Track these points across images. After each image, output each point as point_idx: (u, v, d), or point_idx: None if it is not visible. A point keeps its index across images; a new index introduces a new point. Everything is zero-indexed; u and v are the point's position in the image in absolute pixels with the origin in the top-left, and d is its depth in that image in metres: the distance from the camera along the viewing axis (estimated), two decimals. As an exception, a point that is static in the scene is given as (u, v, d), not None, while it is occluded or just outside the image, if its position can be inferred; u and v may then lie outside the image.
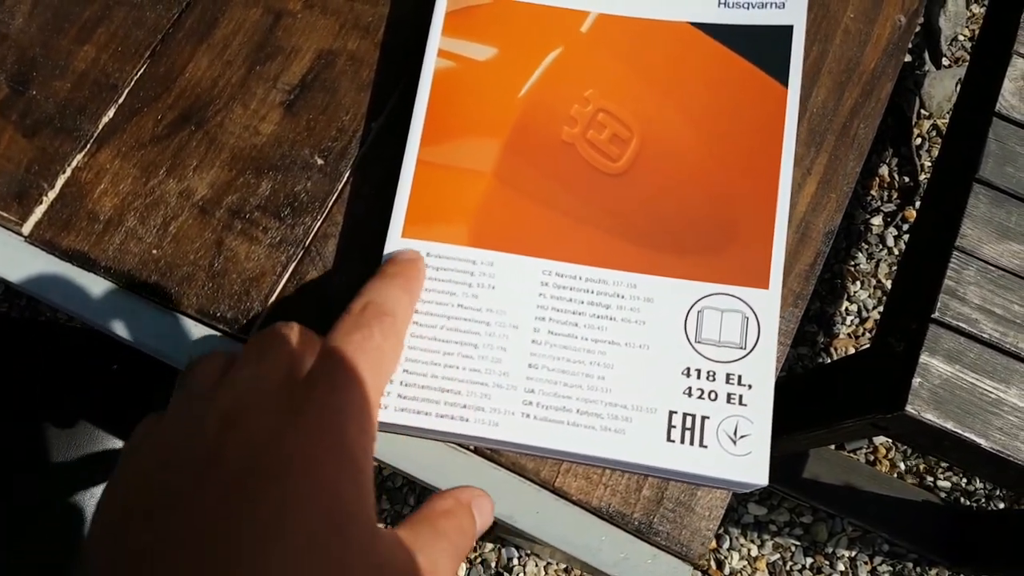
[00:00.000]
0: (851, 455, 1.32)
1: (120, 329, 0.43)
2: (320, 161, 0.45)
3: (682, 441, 0.38)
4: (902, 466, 1.32)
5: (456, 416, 0.38)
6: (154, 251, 0.44)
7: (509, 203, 0.41)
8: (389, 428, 0.40)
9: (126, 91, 0.47)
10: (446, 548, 0.31)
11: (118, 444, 0.72)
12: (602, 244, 0.41)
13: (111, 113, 0.46)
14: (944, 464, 1.32)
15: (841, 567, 1.28)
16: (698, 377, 0.39)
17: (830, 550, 1.28)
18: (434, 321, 0.40)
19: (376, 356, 0.33)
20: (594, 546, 0.42)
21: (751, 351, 0.39)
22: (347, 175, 0.45)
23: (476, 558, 1.23)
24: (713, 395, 0.39)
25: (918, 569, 1.28)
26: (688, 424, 0.38)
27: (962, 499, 1.31)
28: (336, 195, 0.45)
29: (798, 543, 1.28)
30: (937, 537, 1.26)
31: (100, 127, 0.46)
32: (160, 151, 0.45)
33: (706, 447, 0.38)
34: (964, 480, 1.32)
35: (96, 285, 0.44)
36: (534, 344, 0.40)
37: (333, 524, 0.27)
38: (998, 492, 1.31)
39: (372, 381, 0.32)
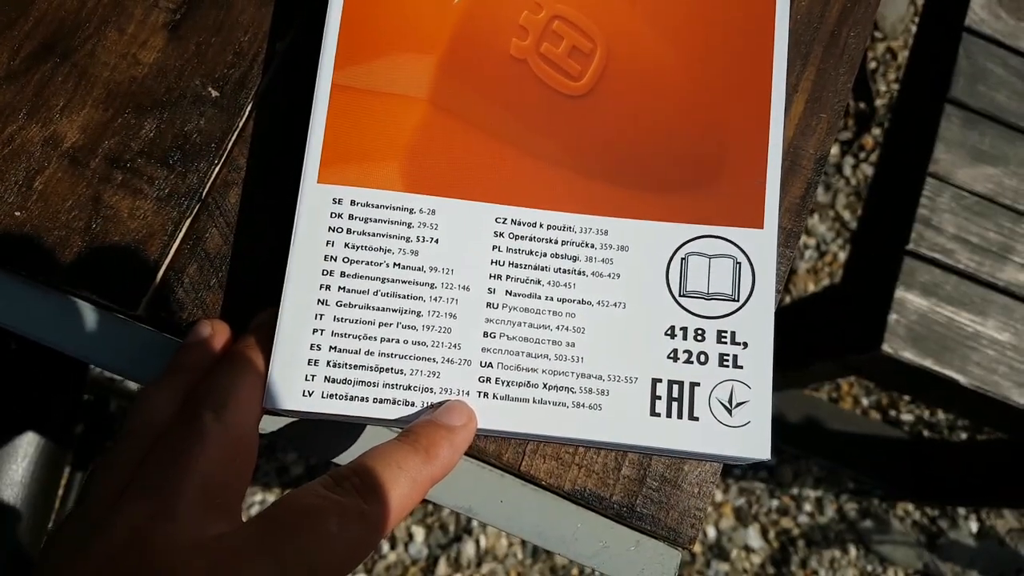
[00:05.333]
0: (813, 393, 1.29)
1: (-20, 310, 0.35)
2: (215, 93, 0.37)
3: (669, 414, 0.32)
4: (865, 402, 1.30)
5: (399, 400, 0.32)
6: (17, 213, 0.36)
7: (450, 136, 0.34)
8: (316, 417, 0.33)
9: (-29, 17, 0.38)
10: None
11: (24, 441, 0.64)
12: (565, 183, 0.34)
13: (-46, 45, 0.37)
14: (907, 398, 1.30)
15: (808, 507, 1.25)
16: (684, 337, 0.33)
17: (796, 491, 1.26)
18: (366, 285, 0.32)
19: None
20: (568, 536, 0.37)
21: (745, 303, 0.33)
22: (248, 108, 0.37)
23: (434, 522, 1.18)
24: (703, 357, 0.33)
25: (884, 505, 1.26)
26: (675, 394, 0.32)
27: (925, 432, 1.29)
28: (236, 133, 0.37)
29: (763, 485, 1.26)
30: (902, 472, 1.25)
31: (-59, 62, 0.37)
32: (18, 90, 0.37)
33: (697, 419, 0.32)
34: (927, 413, 1.30)
35: (-54, 257, 0.36)
36: (489, 308, 0.33)
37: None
38: (959, 423, 1.30)
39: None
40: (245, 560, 0.25)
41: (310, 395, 0.31)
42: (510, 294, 0.33)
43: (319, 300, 0.32)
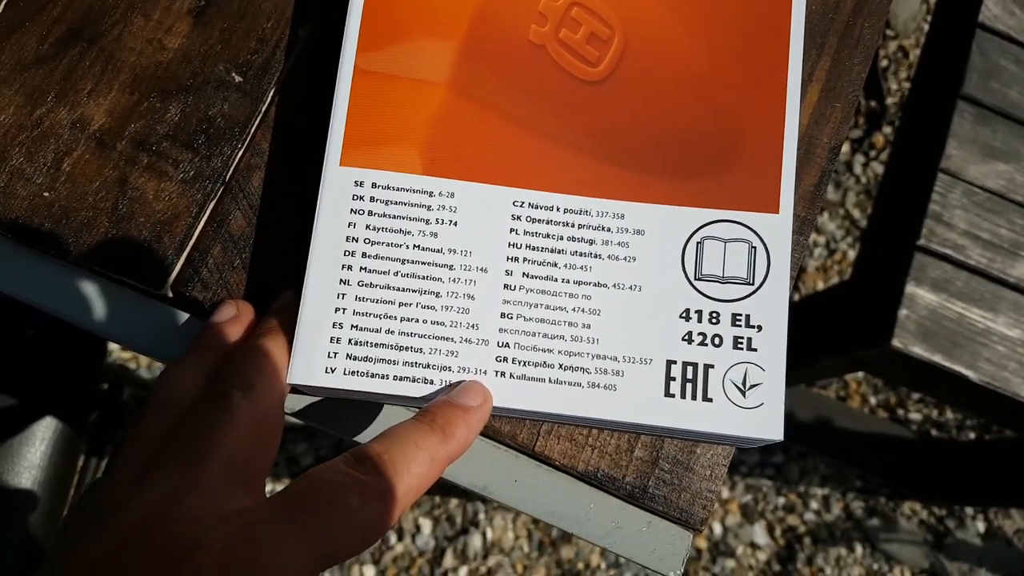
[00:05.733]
0: (822, 391, 1.29)
1: (7, 287, 0.36)
2: (238, 78, 0.38)
3: (683, 395, 0.33)
4: (873, 400, 1.30)
5: (418, 378, 0.32)
6: (46, 193, 0.36)
7: (469, 120, 0.35)
8: (338, 394, 0.33)
9: (2, 3, 0.39)
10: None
11: (42, 426, 0.65)
12: (582, 167, 0.35)
13: (-16, 29, 0.38)
14: (915, 397, 1.30)
15: (814, 505, 1.26)
16: (699, 320, 0.33)
17: (803, 489, 1.26)
18: (386, 266, 0.33)
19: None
20: (581, 516, 0.37)
21: (760, 287, 0.34)
22: (271, 94, 0.38)
23: (441, 514, 1.19)
24: (717, 340, 0.33)
25: (891, 503, 1.27)
26: (689, 375, 0.33)
27: (933, 431, 1.29)
28: (259, 118, 0.38)
29: (770, 483, 1.26)
30: (909, 471, 1.25)
31: (-29, 47, 0.38)
32: (47, 73, 0.38)
33: (711, 400, 0.33)
34: (935, 412, 1.30)
35: (-24, 236, 0.36)
36: (507, 290, 0.33)
37: None
38: (968, 423, 1.30)
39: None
40: (267, 533, 0.26)
41: (332, 372, 0.32)
42: (527, 276, 0.34)
43: (341, 280, 0.33)
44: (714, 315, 0.33)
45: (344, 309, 0.33)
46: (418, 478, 0.29)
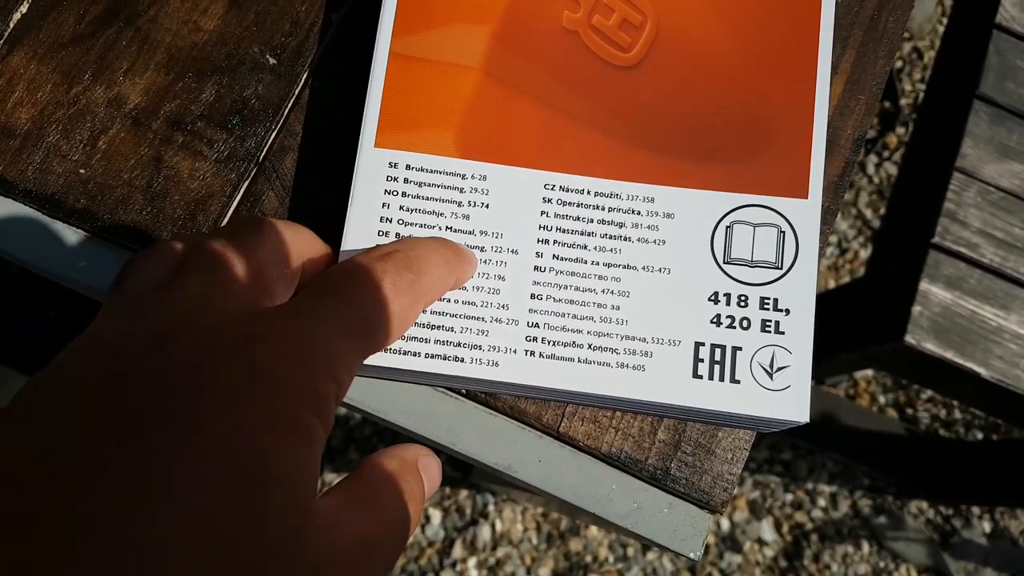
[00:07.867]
0: (831, 389, 1.29)
1: (43, 263, 0.37)
2: (272, 61, 0.39)
3: (711, 377, 0.33)
4: (882, 399, 1.30)
5: (449, 356, 0.33)
6: (81, 170, 0.37)
7: (502, 104, 0.35)
8: (369, 372, 0.34)
9: (39, -18, 0.39)
10: (391, 522, 0.26)
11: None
12: (613, 151, 0.35)
13: (24, 8, 0.39)
14: (924, 396, 1.31)
15: (822, 503, 1.26)
16: (728, 303, 0.34)
17: (811, 486, 1.27)
18: (417, 245, 0.34)
19: (388, 303, 0.28)
20: (603, 496, 0.38)
21: (788, 271, 0.34)
22: (305, 76, 0.39)
23: (451, 505, 1.19)
24: (745, 323, 0.34)
25: (898, 502, 1.27)
26: (717, 357, 0.33)
27: (941, 431, 1.29)
28: (293, 100, 0.38)
29: (778, 480, 1.26)
30: (917, 470, 1.25)
31: (11, 25, 0.39)
32: (84, 52, 0.38)
33: (739, 382, 0.33)
34: (944, 411, 1.30)
35: (13, 211, 0.37)
36: (537, 271, 0.34)
37: (249, 496, 0.21)
38: (976, 423, 1.30)
39: (366, 323, 0.27)
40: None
41: (365, 348, 0.32)
42: (557, 258, 0.34)
43: (374, 259, 0.33)
44: (742, 298, 0.34)
45: (377, 287, 0.33)
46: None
